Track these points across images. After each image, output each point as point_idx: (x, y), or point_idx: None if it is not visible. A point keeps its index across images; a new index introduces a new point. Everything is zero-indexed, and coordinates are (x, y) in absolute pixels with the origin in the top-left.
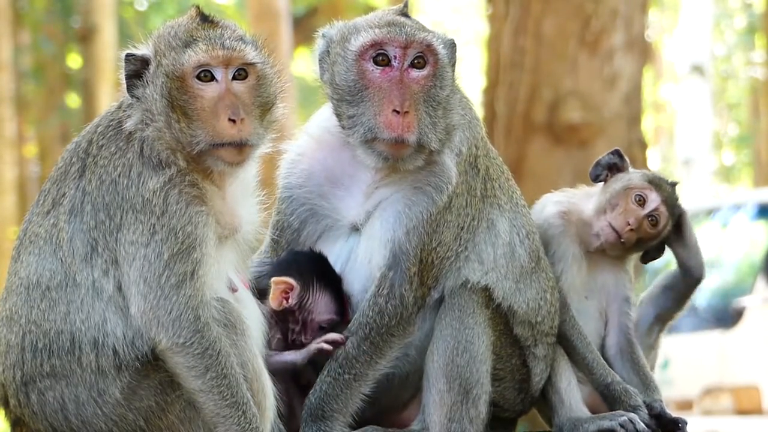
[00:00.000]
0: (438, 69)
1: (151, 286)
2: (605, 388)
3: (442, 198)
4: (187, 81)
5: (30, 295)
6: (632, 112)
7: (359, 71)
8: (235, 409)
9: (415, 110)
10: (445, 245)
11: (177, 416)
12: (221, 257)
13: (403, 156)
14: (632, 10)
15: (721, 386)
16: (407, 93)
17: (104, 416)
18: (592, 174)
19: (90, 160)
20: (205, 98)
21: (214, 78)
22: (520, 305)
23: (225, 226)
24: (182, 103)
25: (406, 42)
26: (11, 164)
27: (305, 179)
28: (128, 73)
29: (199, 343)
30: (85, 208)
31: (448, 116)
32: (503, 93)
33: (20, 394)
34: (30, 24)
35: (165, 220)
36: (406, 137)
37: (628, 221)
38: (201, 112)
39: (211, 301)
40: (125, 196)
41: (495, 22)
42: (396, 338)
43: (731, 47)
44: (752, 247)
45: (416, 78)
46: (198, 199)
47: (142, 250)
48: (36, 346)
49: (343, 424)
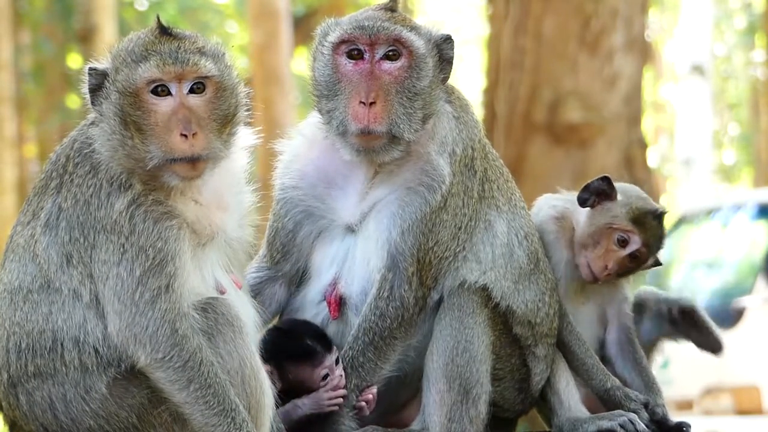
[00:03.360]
0: (414, 60)
1: (126, 304)
2: (605, 393)
3: (435, 198)
4: (140, 96)
5: (13, 299)
6: (632, 112)
7: (334, 65)
8: (224, 416)
9: (384, 101)
10: (442, 245)
11: (170, 414)
12: (204, 261)
13: (374, 147)
14: (632, 10)
15: (721, 386)
16: (374, 84)
17: (92, 412)
18: (580, 199)
19: (66, 177)
20: (158, 113)
21: (170, 92)
22: (519, 305)
23: (202, 231)
24: (136, 119)
25: (371, 39)
26: (11, 164)
27: (299, 180)
28: (90, 87)
29: (179, 356)
30: (60, 224)
31: (428, 108)
32: (503, 93)
33: (10, 397)
34: (30, 24)
35: (134, 239)
36: (372, 128)
37: (607, 265)
38: (154, 127)
39: (190, 312)
40: (96, 217)
41: (495, 22)
42: (398, 340)
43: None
44: (752, 247)
45: (388, 69)
46: (166, 215)
47: (114, 269)
48: (20, 347)
49: (349, 427)
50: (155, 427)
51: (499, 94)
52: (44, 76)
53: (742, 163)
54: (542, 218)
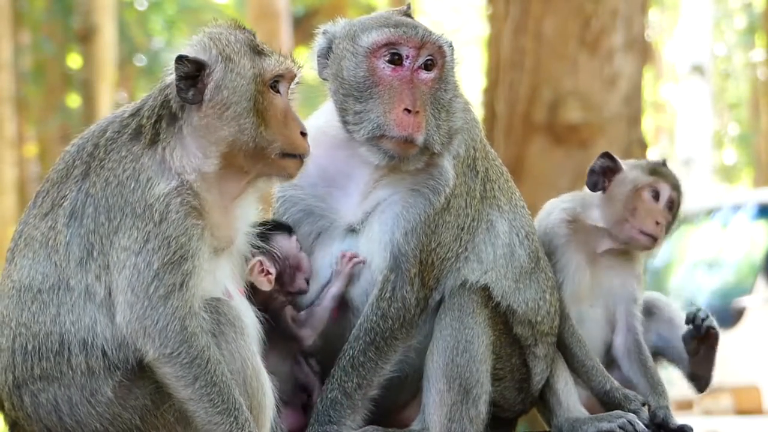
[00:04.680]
0: (444, 72)
1: (139, 296)
2: (605, 395)
3: (439, 200)
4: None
5: (21, 298)
6: (632, 112)
7: (370, 68)
8: (227, 415)
9: (424, 111)
10: (444, 246)
11: (173, 414)
12: (218, 268)
13: (409, 155)
14: (632, 10)
15: (721, 386)
16: (417, 92)
17: (98, 416)
18: (590, 183)
19: (96, 164)
20: (278, 106)
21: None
22: (519, 305)
23: (221, 238)
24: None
25: (421, 43)
26: (11, 164)
27: (299, 179)
28: (181, 75)
29: (187, 353)
30: (86, 210)
31: (451, 119)
32: (503, 93)
33: (14, 397)
34: (30, 24)
35: (162, 227)
36: (416, 137)
37: (657, 220)
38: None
39: (200, 312)
40: (128, 199)
41: (495, 22)
42: (399, 341)
43: (731, 47)
44: (752, 247)
45: (425, 79)
46: (196, 212)
47: (132, 258)
48: (26, 349)
49: (350, 428)
50: (158, 428)
51: (499, 94)
52: (44, 76)
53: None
54: (553, 221)
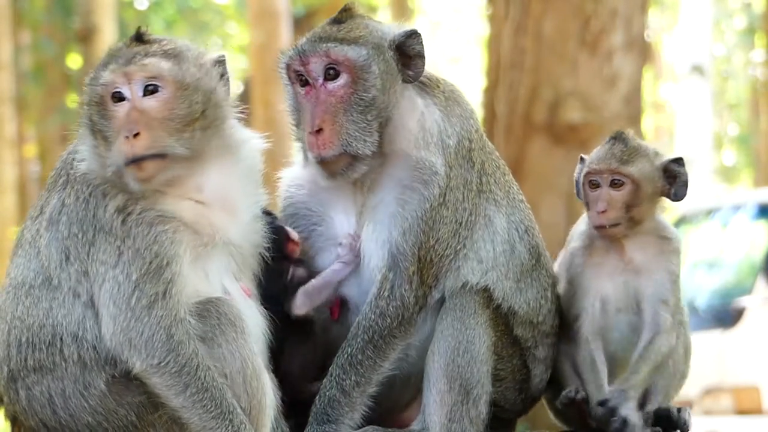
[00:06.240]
0: (355, 73)
1: (121, 308)
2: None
3: (432, 192)
4: (104, 104)
5: (17, 294)
6: (632, 112)
7: (292, 94)
8: (221, 419)
9: (331, 124)
10: (443, 242)
11: (169, 413)
12: (210, 265)
13: (337, 170)
14: (632, 10)
15: (721, 386)
16: (319, 110)
17: (91, 409)
18: (576, 192)
19: (72, 174)
20: (114, 119)
21: (125, 98)
22: (521, 306)
23: (203, 231)
24: (100, 128)
25: (303, 62)
26: (11, 164)
27: (296, 208)
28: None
29: (175, 362)
30: (61, 218)
31: (383, 114)
32: (503, 93)
33: (10, 391)
34: (30, 24)
35: (129, 243)
36: (324, 154)
37: (597, 210)
38: (113, 133)
39: (187, 317)
40: (95, 214)
41: (495, 22)
42: (398, 339)
43: (731, 47)
44: (752, 247)
45: (332, 90)
46: (159, 219)
47: (110, 271)
48: (20, 341)
49: (349, 427)
50: (155, 426)
51: (499, 94)
52: (44, 76)
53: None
54: (571, 251)
